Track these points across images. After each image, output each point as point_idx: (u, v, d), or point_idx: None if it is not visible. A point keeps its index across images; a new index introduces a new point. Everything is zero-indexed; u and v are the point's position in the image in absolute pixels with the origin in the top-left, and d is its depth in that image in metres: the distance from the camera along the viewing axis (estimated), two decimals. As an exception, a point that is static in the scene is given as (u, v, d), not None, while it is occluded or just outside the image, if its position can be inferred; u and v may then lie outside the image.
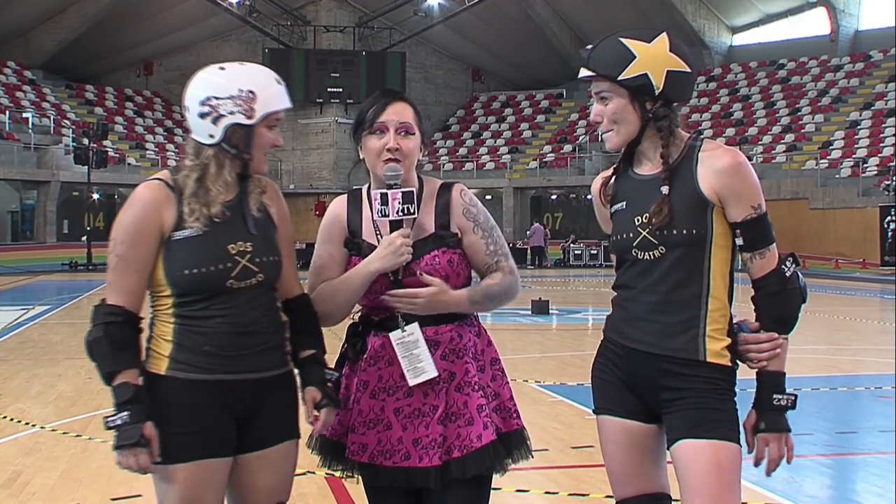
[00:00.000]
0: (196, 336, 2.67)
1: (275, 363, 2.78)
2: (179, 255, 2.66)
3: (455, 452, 2.73)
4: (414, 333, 2.77)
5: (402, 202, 2.75)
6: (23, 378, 9.68)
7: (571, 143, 41.36)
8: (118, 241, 2.67)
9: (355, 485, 3.02)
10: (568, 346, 11.20)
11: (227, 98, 2.67)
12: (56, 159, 35.75)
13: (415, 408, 2.78)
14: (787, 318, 2.70)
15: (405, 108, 2.85)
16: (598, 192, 2.88)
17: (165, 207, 2.67)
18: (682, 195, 2.65)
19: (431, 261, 2.78)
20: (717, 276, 2.68)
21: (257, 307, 2.72)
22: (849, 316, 16.23)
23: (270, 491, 2.79)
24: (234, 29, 42.72)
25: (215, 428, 2.68)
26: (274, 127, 2.75)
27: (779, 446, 2.67)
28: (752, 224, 2.64)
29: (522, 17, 42.29)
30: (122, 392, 2.61)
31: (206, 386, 2.66)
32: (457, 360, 2.80)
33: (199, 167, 2.71)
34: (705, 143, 2.71)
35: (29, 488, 5.45)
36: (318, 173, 42.21)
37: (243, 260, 2.69)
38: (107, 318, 2.64)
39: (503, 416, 2.85)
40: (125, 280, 2.66)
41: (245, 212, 2.75)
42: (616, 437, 2.76)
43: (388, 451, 2.78)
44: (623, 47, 2.67)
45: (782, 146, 37.32)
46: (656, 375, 2.66)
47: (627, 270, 2.74)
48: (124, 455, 2.61)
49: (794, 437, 2.72)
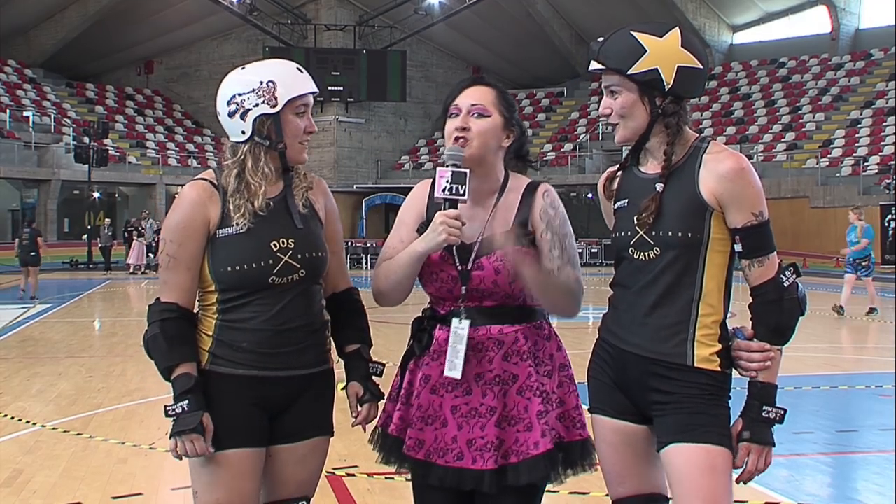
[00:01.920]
0: (235, 333, 2.73)
1: (312, 361, 2.82)
2: (223, 252, 2.73)
3: (512, 458, 2.65)
4: (465, 329, 2.69)
5: (451, 181, 2.63)
6: (23, 376, 9.68)
7: (572, 142, 41.34)
8: (168, 241, 2.75)
9: (356, 482, 3.02)
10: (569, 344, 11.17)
11: (251, 92, 2.74)
12: (57, 158, 35.75)
13: (472, 407, 2.70)
14: (783, 328, 2.63)
15: (483, 90, 2.78)
16: (603, 188, 2.86)
17: (211, 205, 2.75)
18: (681, 197, 2.62)
19: (502, 257, 2.69)
20: (711, 281, 2.64)
21: (298, 305, 2.77)
22: (849, 314, 16.21)
23: (298, 485, 2.85)
24: (234, 27, 42.68)
25: (249, 420, 2.75)
26: (303, 113, 2.79)
27: (758, 458, 2.61)
28: (752, 231, 2.60)
29: (523, 15, 42.26)
30: (181, 383, 2.69)
31: (243, 380, 2.73)
32: (520, 361, 2.71)
33: (238, 164, 2.78)
34: (711, 146, 2.68)
35: (30, 487, 5.45)
36: (319, 171, 41.53)
37: (285, 256, 2.74)
38: (162, 315, 2.73)
39: (567, 424, 2.75)
40: (177, 278, 2.75)
41: (290, 207, 2.79)
42: (609, 437, 2.75)
43: (443, 449, 2.70)
44: (634, 41, 2.64)
45: (783, 145, 37.29)
46: (646, 378, 2.65)
47: (624, 269, 2.73)
48: (182, 441, 2.68)
49: (795, 435, 2.72)
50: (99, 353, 11.56)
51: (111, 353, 11.44)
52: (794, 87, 40.59)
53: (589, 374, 2.82)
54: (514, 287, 2.71)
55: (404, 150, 43.73)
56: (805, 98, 39.68)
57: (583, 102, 43.33)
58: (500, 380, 2.70)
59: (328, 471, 5.25)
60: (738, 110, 40.82)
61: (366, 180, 42.12)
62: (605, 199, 2.87)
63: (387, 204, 39.47)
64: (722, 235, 2.63)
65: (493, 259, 2.69)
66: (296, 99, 2.75)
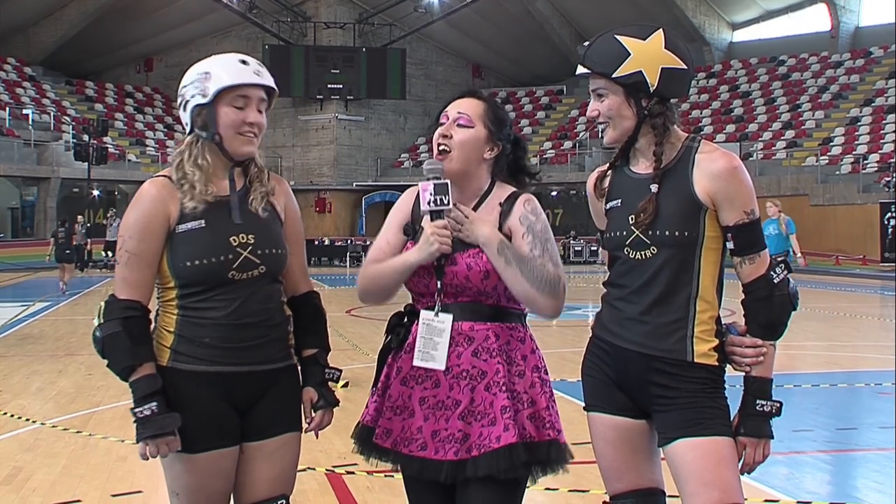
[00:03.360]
0: (197, 328, 2.71)
1: (275, 356, 2.81)
2: (183, 248, 2.71)
3: (474, 451, 2.70)
4: (444, 323, 2.75)
5: (434, 193, 2.73)
6: (23, 374, 9.68)
7: (572, 140, 41.35)
8: (127, 238, 2.73)
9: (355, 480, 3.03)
10: (567, 343, 11.21)
11: (190, 84, 2.77)
12: (56, 156, 35.74)
13: (439, 399, 2.76)
14: (775, 324, 2.69)
15: (472, 102, 2.85)
16: (593, 186, 2.89)
17: (170, 201, 2.73)
18: (676, 196, 2.65)
19: (475, 255, 2.74)
20: (707, 277, 2.68)
21: (258, 299, 2.76)
22: (849, 312, 16.22)
23: (272, 482, 2.81)
24: (234, 25, 42.68)
25: (217, 417, 2.73)
26: (242, 107, 2.74)
27: (755, 452, 2.66)
28: (743, 229, 2.65)
29: (522, 13, 42.26)
30: (146, 384, 2.66)
31: (207, 377, 2.71)
32: (489, 358, 2.75)
33: (179, 154, 2.80)
34: (702, 145, 2.71)
35: (29, 484, 5.45)
36: (319, 170, 42.19)
37: (245, 251, 2.73)
38: (125, 313, 2.69)
39: (537, 424, 2.76)
40: (137, 275, 2.73)
41: (233, 204, 2.78)
42: (606, 434, 2.76)
43: (408, 438, 2.77)
44: (618, 44, 2.68)
45: (782, 143, 37.29)
46: (646, 374, 2.67)
47: (619, 268, 2.75)
48: (154, 444, 2.65)
49: (794, 432, 2.74)
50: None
51: (111, 351, 11.39)
52: (794, 85, 40.58)
53: (584, 372, 2.84)
54: (487, 284, 2.76)
55: (404, 147, 43.72)
56: (805, 96, 39.68)
57: (582, 100, 43.23)
58: (468, 374, 2.75)
59: (328, 469, 5.26)
60: (737, 108, 40.82)
61: (365, 178, 42.12)
62: (595, 198, 2.89)
63: (386, 202, 39.45)
64: (715, 233, 2.67)
65: (465, 255, 2.75)
66: (229, 90, 2.71)
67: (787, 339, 2.73)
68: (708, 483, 2.55)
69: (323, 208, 41.27)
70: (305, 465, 5.66)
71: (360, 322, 14.51)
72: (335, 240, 37.94)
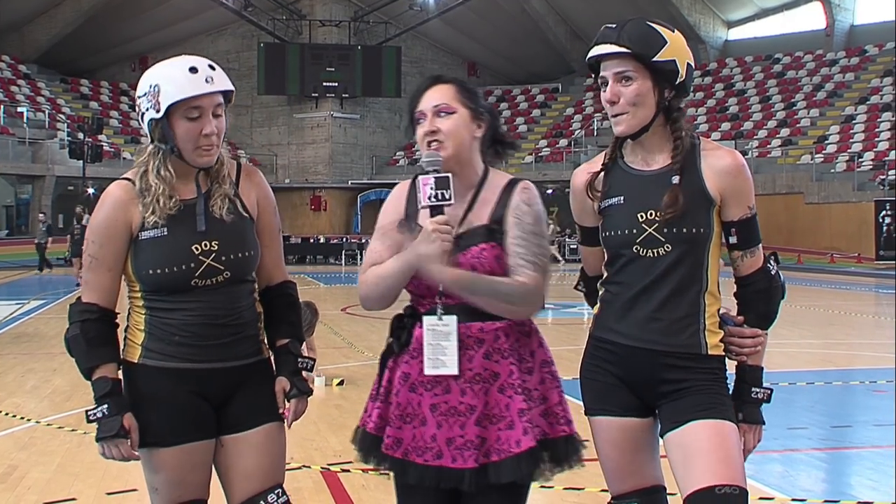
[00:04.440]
0: (166, 327, 2.73)
1: (246, 352, 2.82)
2: (145, 255, 2.71)
3: (493, 456, 2.63)
4: (449, 325, 2.65)
5: (435, 188, 2.61)
6: (18, 373, 9.69)
7: (567, 138, 41.35)
8: (90, 241, 2.74)
9: (351, 478, 3.02)
10: (563, 341, 11.20)
11: (143, 96, 2.72)
12: (51, 154, 35.67)
13: (451, 405, 2.66)
14: (771, 314, 2.79)
15: (442, 88, 2.75)
16: (585, 186, 2.82)
17: (132, 206, 2.73)
18: (690, 193, 2.65)
19: (479, 253, 2.66)
20: (713, 272, 2.72)
21: (226, 301, 2.75)
22: (844, 310, 16.25)
23: (264, 474, 2.82)
24: (229, 23, 42.63)
25: (191, 411, 2.74)
26: (197, 118, 2.67)
27: (754, 436, 2.76)
28: (746, 223, 2.70)
29: (518, 11, 42.24)
30: (100, 386, 2.69)
31: (177, 373, 2.73)
32: (501, 359, 2.67)
33: (143, 164, 2.77)
34: (704, 142, 2.73)
35: (24, 483, 5.44)
36: (314, 168, 42.17)
37: (208, 259, 2.71)
38: (82, 316, 2.72)
39: (550, 420, 2.72)
40: (99, 278, 2.74)
41: (198, 211, 2.75)
42: (613, 437, 2.76)
43: (421, 447, 2.67)
44: (654, 30, 2.66)
45: (778, 141, 37.33)
46: (659, 370, 2.68)
47: (626, 267, 2.72)
48: (107, 445, 2.70)
49: (789, 430, 2.76)
50: (93, 350, 11.49)
51: (106, 350, 11.38)
52: (789, 83, 40.63)
53: (584, 376, 2.82)
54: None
55: (399, 145, 43.69)
56: (800, 94, 39.72)
57: (578, 98, 43.34)
58: (480, 378, 2.67)
59: (323, 467, 5.26)
60: (732, 106, 40.85)
61: (361, 176, 42.10)
62: (585, 198, 2.83)
63: (382, 200, 38.93)
64: (719, 228, 2.71)
65: (469, 255, 2.66)
66: (182, 103, 2.65)
67: (783, 338, 2.76)
68: (722, 460, 2.58)
69: (318, 206, 41.23)
70: (301, 464, 5.66)
71: (355, 320, 14.51)
72: (330, 238, 37.90)
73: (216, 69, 2.72)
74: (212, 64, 2.73)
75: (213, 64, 2.74)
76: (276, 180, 41.23)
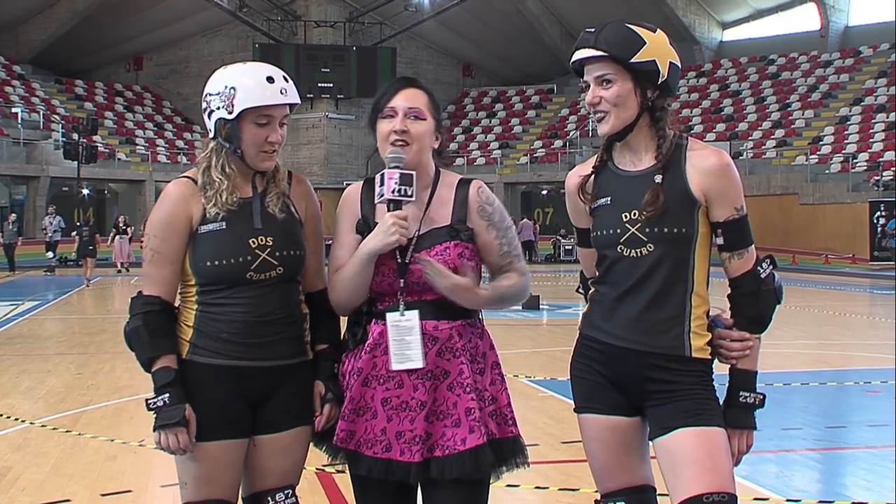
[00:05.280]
0: (215, 323, 2.80)
1: (290, 352, 2.88)
2: (204, 248, 2.81)
3: (437, 451, 2.72)
4: (412, 320, 2.75)
5: (399, 183, 2.73)
6: (12, 374, 9.65)
7: (562, 139, 41.36)
8: (152, 236, 2.84)
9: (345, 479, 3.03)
10: (558, 342, 11.23)
11: (216, 94, 2.83)
12: (45, 154, 35.62)
13: (402, 400, 2.75)
14: (761, 318, 2.74)
15: (417, 93, 2.86)
16: (577, 189, 2.85)
17: (192, 202, 2.83)
18: (673, 193, 2.66)
19: (443, 251, 2.77)
20: (700, 273, 2.71)
21: (276, 298, 2.84)
22: (838, 311, 16.27)
23: (282, 475, 2.90)
24: (224, 24, 42.59)
25: (230, 410, 2.81)
26: (265, 124, 2.81)
27: (740, 442, 2.72)
28: (733, 225, 2.69)
29: (513, 12, 42.27)
30: (162, 376, 2.76)
31: (222, 370, 2.80)
32: (453, 358, 2.77)
33: (206, 159, 2.87)
34: (691, 142, 2.74)
35: (18, 484, 5.43)
36: (309, 168, 42.09)
37: (263, 253, 2.81)
38: (145, 308, 2.80)
39: (498, 421, 2.81)
40: (161, 272, 2.83)
41: (255, 208, 2.86)
42: (601, 435, 2.77)
43: (371, 440, 2.77)
44: (633, 32, 2.68)
45: (772, 141, 37.37)
46: (643, 370, 2.69)
47: (612, 267, 2.74)
48: (165, 434, 2.74)
49: (784, 431, 2.76)
50: (88, 351, 11.51)
51: (100, 351, 11.39)
52: (784, 84, 40.68)
53: (574, 374, 2.84)
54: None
55: (394, 146, 43.65)
56: (794, 95, 39.78)
57: (573, 99, 43.32)
58: (431, 375, 2.75)
59: (317, 468, 5.25)
60: (727, 107, 40.90)
61: (356, 177, 42.00)
62: (579, 200, 2.85)
63: (377, 200, 39.43)
64: (706, 229, 2.70)
65: (433, 253, 2.76)
66: (254, 109, 2.78)
67: (777, 338, 2.76)
68: (709, 469, 2.58)
69: (314, 207, 41.19)
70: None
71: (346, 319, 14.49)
72: (326, 238, 37.80)
73: (289, 81, 2.88)
74: (286, 76, 2.88)
75: (287, 76, 2.88)
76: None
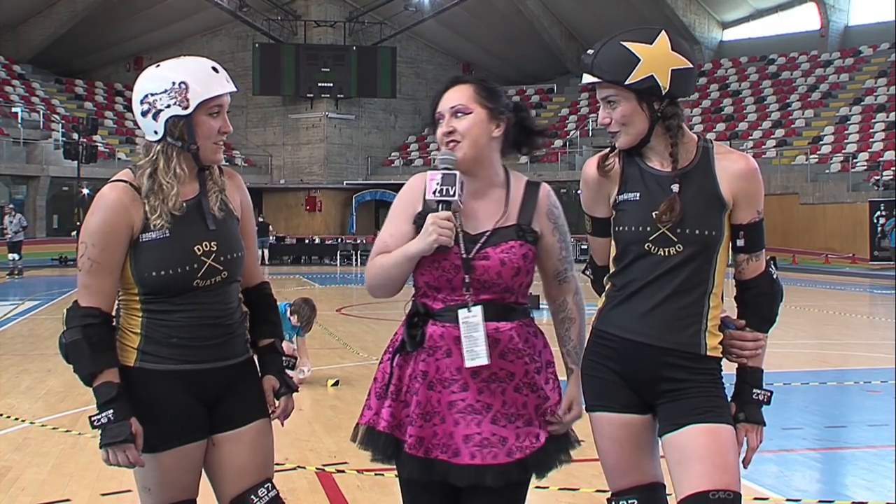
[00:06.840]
0: (164, 329, 2.74)
1: (238, 351, 2.87)
2: (147, 258, 2.71)
3: (517, 454, 2.69)
4: (477, 316, 2.69)
5: (441, 184, 2.67)
6: (12, 373, 9.67)
7: (562, 139, 41.34)
8: (89, 245, 2.71)
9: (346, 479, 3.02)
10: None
11: (163, 92, 2.73)
12: (45, 154, 35.60)
13: (468, 403, 2.70)
14: (772, 317, 2.84)
15: (459, 89, 2.81)
16: (598, 166, 2.83)
17: (133, 210, 2.72)
18: (703, 196, 2.70)
19: (508, 250, 2.73)
20: (720, 275, 2.76)
21: (222, 300, 2.80)
22: (838, 311, 16.27)
23: (258, 469, 2.87)
24: (224, 24, 42.57)
25: (186, 413, 2.77)
26: (217, 114, 2.77)
27: (757, 436, 2.79)
28: (755, 227, 2.76)
29: (513, 12, 42.24)
30: (104, 391, 2.69)
31: (174, 375, 2.75)
32: (516, 359, 2.73)
33: (151, 164, 2.76)
34: (716, 146, 2.78)
35: (18, 484, 5.43)
36: (309, 168, 42.13)
37: (209, 259, 2.75)
38: (85, 321, 2.69)
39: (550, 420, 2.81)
40: (100, 282, 2.72)
41: (205, 210, 2.79)
42: (613, 433, 2.78)
43: (441, 444, 2.70)
44: (626, 51, 2.67)
45: (772, 141, 37.35)
46: (658, 367, 2.71)
47: (635, 262, 2.75)
48: (114, 452, 2.70)
49: (784, 431, 2.78)
50: (88, 350, 11.47)
51: (100, 350, 11.36)
52: (784, 84, 40.66)
53: (585, 372, 2.84)
54: (516, 281, 2.75)
55: (394, 146, 43.68)
56: (794, 95, 39.76)
57: (573, 99, 43.32)
58: (496, 377, 2.71)
59: (318, 467, 5.25)
60: (727, 107, 40.88)
61: (356, 177, 42.06)
62: (599, 187, 2.84)
63: (377, 200, 39.45)
64: (728, 232, 2.76)
65: (499, 250, 2.73)
66: (209, 101, 2.73)
67: (778, 338, 2.78)
68: (718, 466, 2.62)
69: (313, 207, 41.20)
70: (296, 464, 5.66)
71: (350, 321, 14.51)
72: (325, 238, 37.89)
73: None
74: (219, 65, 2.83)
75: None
76: (271, 181, 41.22)
